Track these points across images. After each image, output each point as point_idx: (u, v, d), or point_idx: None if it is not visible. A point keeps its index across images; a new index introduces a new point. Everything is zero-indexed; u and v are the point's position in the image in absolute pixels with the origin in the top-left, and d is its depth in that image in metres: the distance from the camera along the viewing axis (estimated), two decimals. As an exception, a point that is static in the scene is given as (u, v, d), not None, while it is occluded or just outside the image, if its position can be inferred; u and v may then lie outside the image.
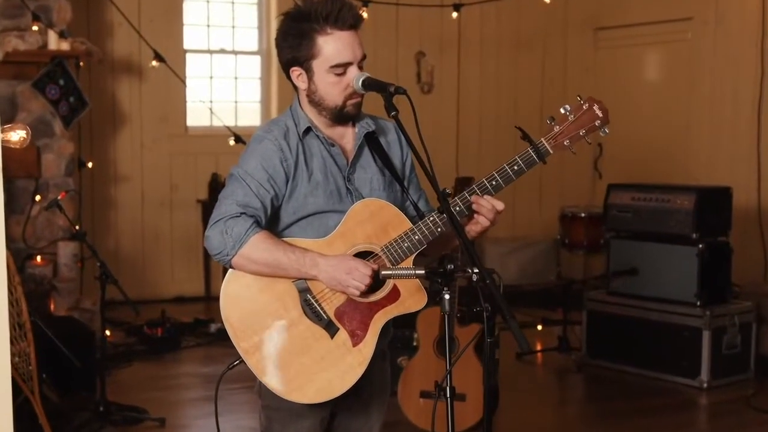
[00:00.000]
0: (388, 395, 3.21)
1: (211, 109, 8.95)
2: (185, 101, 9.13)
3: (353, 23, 2.89)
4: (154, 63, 7.81)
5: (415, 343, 5.38)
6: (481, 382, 4.90)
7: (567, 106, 2.99)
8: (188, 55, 9.19)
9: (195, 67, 9.30)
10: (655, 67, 9.80)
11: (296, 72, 2.94)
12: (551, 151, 2.94)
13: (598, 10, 10.18)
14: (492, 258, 9.55)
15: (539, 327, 7.80)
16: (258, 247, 2.79)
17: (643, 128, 9.62)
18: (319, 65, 2.88)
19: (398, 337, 5.80)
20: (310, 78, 2.92)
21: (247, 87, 9.60)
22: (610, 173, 9.68)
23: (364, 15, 7.05)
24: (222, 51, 9.46)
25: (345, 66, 2.88)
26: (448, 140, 9.95)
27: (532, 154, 2.91)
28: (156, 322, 7.51)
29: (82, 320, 6.78)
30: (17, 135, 2.06)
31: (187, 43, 9.19)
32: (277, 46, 2.97)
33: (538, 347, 7.44)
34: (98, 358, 5.83)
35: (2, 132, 2.01)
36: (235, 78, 9.53)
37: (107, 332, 6.48)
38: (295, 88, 3.01)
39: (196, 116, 9.24)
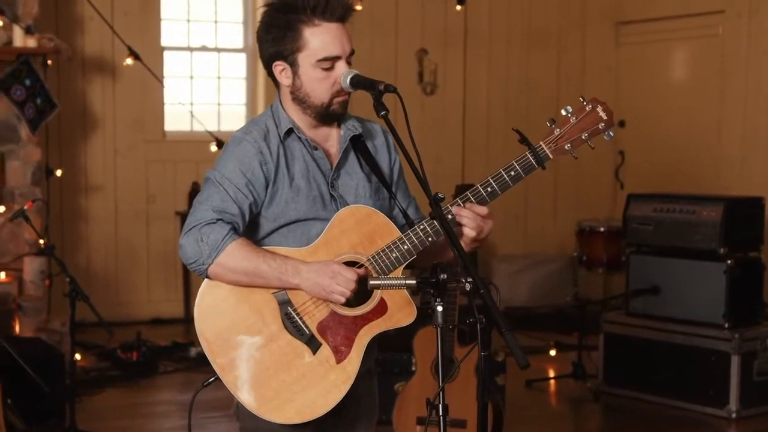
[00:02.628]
0: (375, 416, 3.33)
1: (191, 113, 9.07)
2: (163, 103, 9.25)
3: (342, 15, 3.03)
4: (129, 61, 7.92)
5: (413, 368, 5.50)
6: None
7: (569, 108, 3.12)
8: (166, 53, 9.32)
9: (174, 66, 9.42)
10: (683, 64, 9.92)
11: (280, 67, 3.07)
12: (551, 156, 3.05)
13: (620, 3, 10.32)
14: (501, 277, 9.66)
15: (552, 352, 7.90)
16: (236, 254, 2.93)
17: (669, 133, 9.74)
18: (305, 59, 3.02)
19: (396, 361, 5.93)
20: (294, 73, 3.05)
21: (231, 88, 9.72)
22: (632, 183, 9.80)
23: (358, 8, 7.20)
24: (203, 48, 9.59)
25: (333, 60, 3.01)
26: (454, 145, 10.06)
27: (531, 158, 3.04)
28: (131, 345, 7.62)
29: (50, 342, 6.90)
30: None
31: (165, 40, 9.31)
32: (259, 39, 3.11)
33: (551, 374, 7.55)
34: (68, 384, 5.93)
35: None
36: (218, 78, 9.65)
37: (77, 356, 6.60)
38: (277, 85, 3.15)
39: (175, 120, 9.36)
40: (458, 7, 8.23)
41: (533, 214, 10.35)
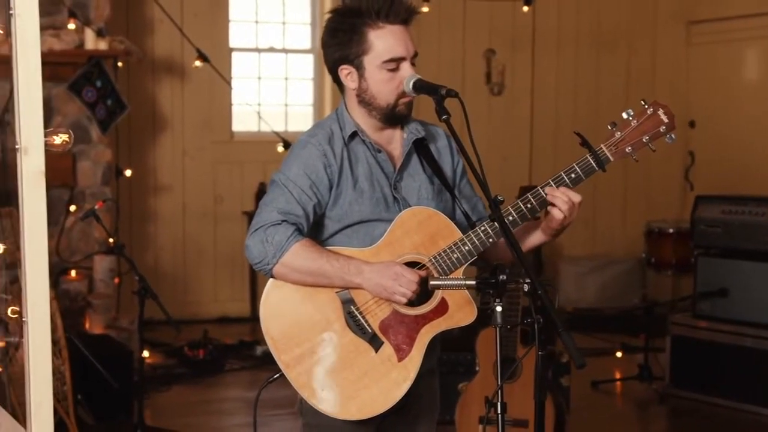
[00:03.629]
0: (436, 414, 3.42)
1: (258, 114, 9.21)
2: (231, 104, 9.39)
3: (405, 18, 3.13)
4: (198, 63, 8.07)
5: (477, 368, 5.58)
6: (546, 407, 5.11)
7: (630, 111, 3.18)
8: (234, 54, 9.46)
9: (242, 67, 9.56)
10: (756, 64, 9.85)
11: (345, 71, 3.18)
12: (611, 159, 3.12)
13: (691, 2, 10.27)
14: (568, 278, 9.69)
15: (619, 354, 7.95)
16: (300, 255, 3.03)
17: (740, 133, 9.69)
18: (370, 61, 3.12)
19: (460, 361, 6.02)
20: (360, 76, 3.16)
21: (298, 88, 9.85)
22: (702, 184, 9.76)
23: (425, 9, 7.29)
24: (271, 49, 9.72)
25: (398, 61, 3.12)
26: (521, 146, 10.11)
27: (591, 161, 3.11)
28: (198, 344, 7.79)
29: (118, 339, 7.08)
30: (60, 138, 2.33)
31: (234, 41, 9.46)
32: (324, 45, 3.22)
33: (617, 375, 7.59)
34: (136, 381, 6.10)
35: (45, 136, 2.28)
36: (286, 79, 9.77)
37: (146, 353, 6.76)
38: (342, 89, 3.26)
39: (243, 121, 9.50)
40: (525, 8, 8.26)
41: (602, 216, 10.35)
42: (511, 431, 4.81)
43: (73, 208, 7.69)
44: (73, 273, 7.67)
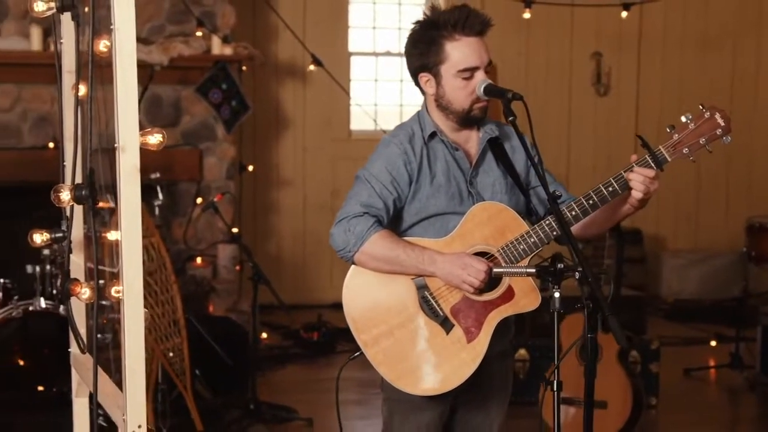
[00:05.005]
0: (508, 394, 3.57)
1: (374, 119, 9.33)
2: (349, 105, 9.57)
3: (480, 30, 3.28)
4: (312, 67, 8.24)
5: (565, 352, 5.67)
6: (623, 390, 5.21)
7: (689, 115, 3.31)
8: (353, 58, 9.65)
9: (360, 70, 9.76)
10: None
11: (425, 78, 3.35)
12: (669, 159, 3.26)
13: (796, 2, 10.16)
14: (670, 270, 9.68)
15: (713, 343, 7.95)
16: (378, 244, 3.21)
17: None
18: (447, 70, 3.28)
19: (551, 346, 6.10)
20: (438, 83, 3.32)
21: (412, 90, 9.95)
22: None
23: (527, 15, 7.36)
24: (387, 53, 9.88)
25: (472, 71, 3.27)
26: (626, 145, 10.03)
27: (650, 161, 3.24)
28: (312, 327, 8.00)
29: (238, 322, 7.32)
30: (155, 138, 2.55)
31: (353, 46, 9.66)
32: (407, 53, 3.40)
33: (711, 363, 7.60)
34: (251, 359, 6.36)
35: (141, 136, 2.50)
36: (401, 81, 9.90)
37: (264, 334, 7.01)
38: (423, 94, 3.43)
39: (360, 120, 9.70)
40: (624, 14, 8.25)
41: (705, 210, 10.28)
42: (590, 412, 4.90)
43: (199, 200, 7.98)
44: (198, 260, 7.96)
